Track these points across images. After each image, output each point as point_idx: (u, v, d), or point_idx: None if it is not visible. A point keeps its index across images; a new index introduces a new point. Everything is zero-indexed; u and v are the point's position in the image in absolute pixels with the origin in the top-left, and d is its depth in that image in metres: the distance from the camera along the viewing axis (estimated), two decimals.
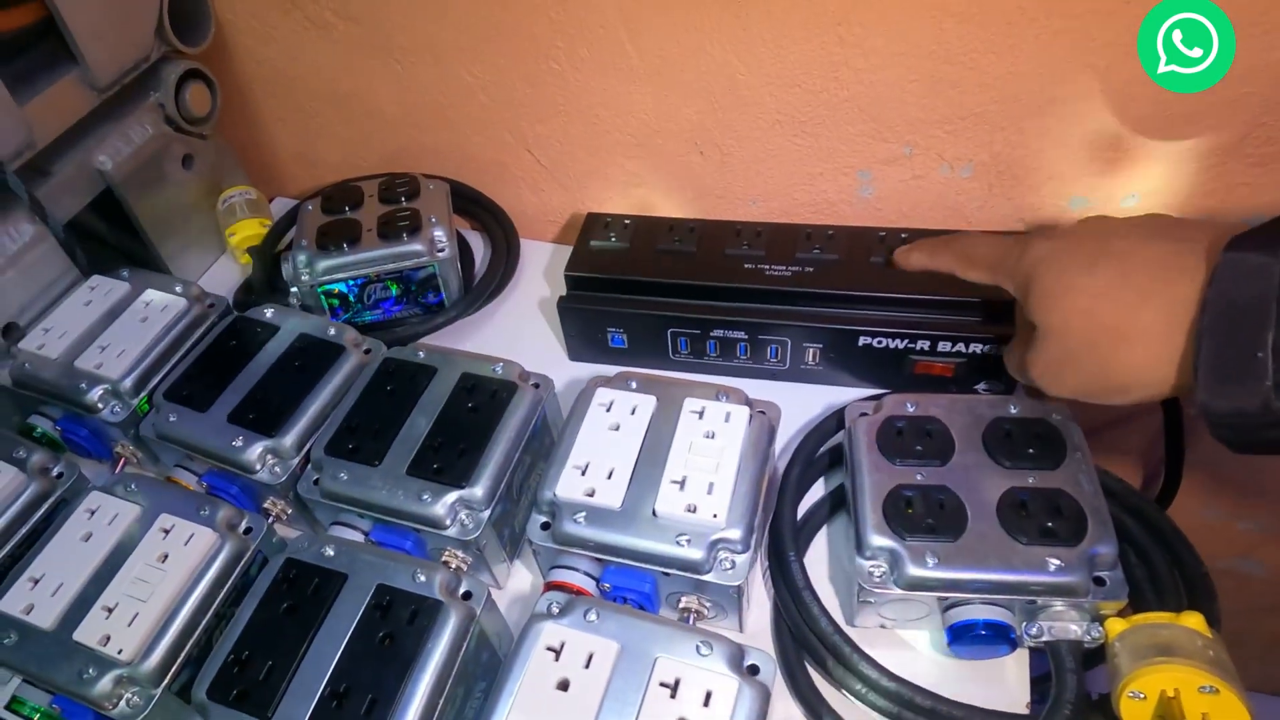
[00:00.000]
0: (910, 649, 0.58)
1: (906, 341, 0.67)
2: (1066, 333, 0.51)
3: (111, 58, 0.75)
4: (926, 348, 0.67)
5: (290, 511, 0.65)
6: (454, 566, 0.59)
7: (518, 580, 0.65)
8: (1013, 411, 0.59)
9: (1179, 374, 0.46)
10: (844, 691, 0.55)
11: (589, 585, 0.57)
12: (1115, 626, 0.51)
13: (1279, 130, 0.62)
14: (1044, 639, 0.52)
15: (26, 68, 0.72)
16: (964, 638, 0.53)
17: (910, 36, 0.65)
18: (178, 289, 0.74)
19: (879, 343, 0.68)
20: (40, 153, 0.73)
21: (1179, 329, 0.46)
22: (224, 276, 0.92)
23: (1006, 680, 0.56)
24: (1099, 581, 0.51)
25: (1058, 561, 0.51)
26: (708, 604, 0.56)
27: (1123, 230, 0.51)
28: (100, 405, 0.68)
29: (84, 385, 0.68)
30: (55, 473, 0.63)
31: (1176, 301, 0.46)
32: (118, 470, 0.70)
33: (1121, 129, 0.65)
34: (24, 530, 0.61)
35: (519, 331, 0.83)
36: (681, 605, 0.57)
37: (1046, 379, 0.54)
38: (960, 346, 0.66)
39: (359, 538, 0.61)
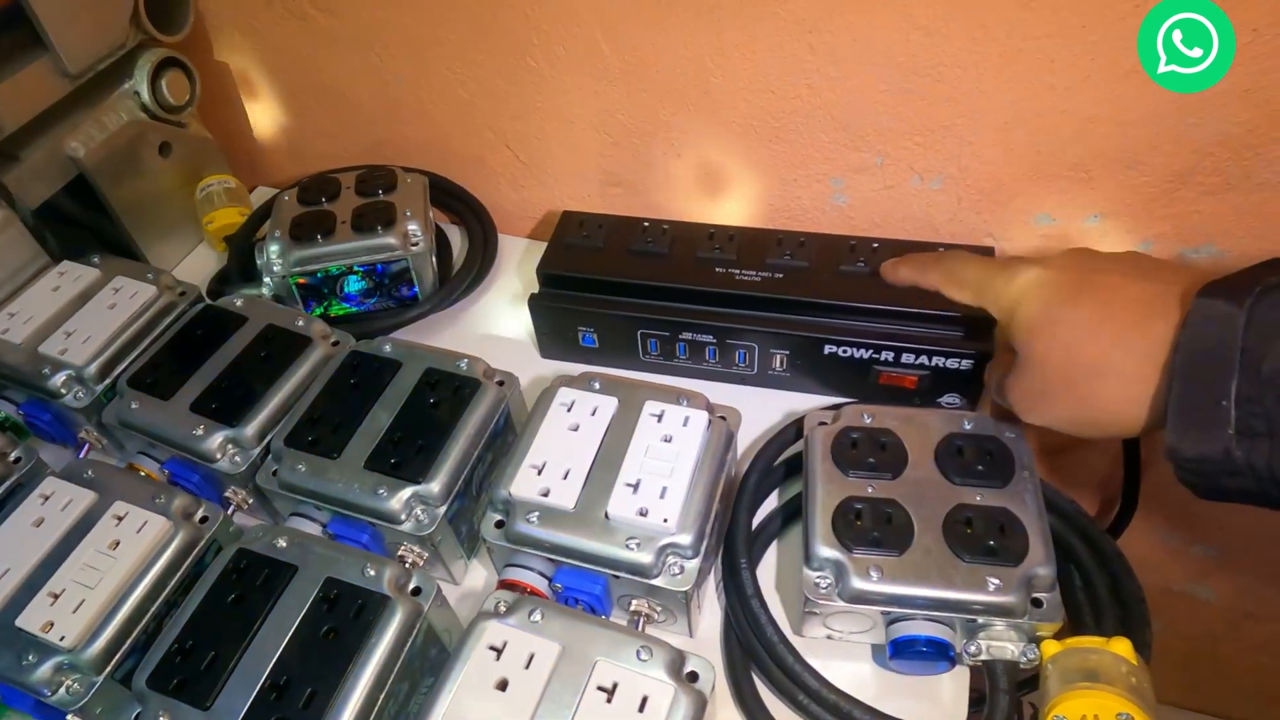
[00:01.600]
0: (854, 661, 0.58)
1: (871, 352, 0.67)
2: (1046, 364, 0.51)
3: (83, 45, 0.75)
4: (891, 359, 0.67)
5: (251, 501, 0.66)
6: (409, 562, 0.59)
7: (474, 577, 0.65)
8: (966, 428, 0.59)
9: (1150, 414, 0.47)
10: (786, 701, 0.55)
11: (541, 585, 0.57)
12: (1050, 648, 0.51)
13: (1225, 161, 0.63)
14: (981, 658, 0.53)
15: None
16: (905, 652, 0.53)
17: (879, 47, 0.65)
18: (149, 276, 0.75)
19: (844, 352, 0.68)
20: (8, 138, 0.73)
21: (1154, 370, 0.46)
22: (201, 265, 0.92)
23: (944, 697, 0.56)
24: (1036, 603, 0.52)
25: (997, 581, 0.51)
26: (658, 608, 0.57)
27: (1107, 266, 0.52)
28: (63, 391, 0.68)
29: (47, 371, 0.68)
30: (13, 457, 0.64)
31: (1152, 343, 0.46)
32: (81, 456, 0.70)
33: (1082, 151, 0.66)
34: None
35: (494, 327, 0.84)
36: (632, 608, 0.57)
37: (1022, 406, 0.55)
38: (924, 359, 0.66)
39: (317, 529, 0.61)
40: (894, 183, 0.74)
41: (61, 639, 0.52)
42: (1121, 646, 0.49)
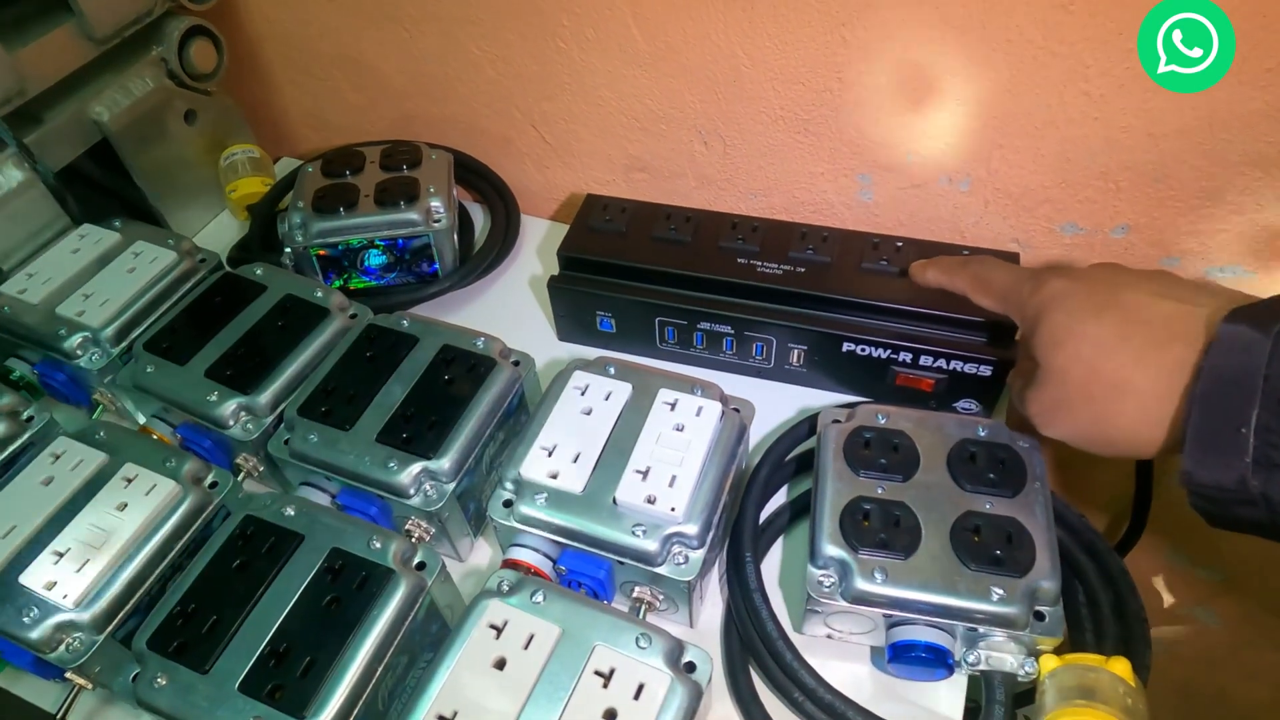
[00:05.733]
0: (852, 662, 0.58)
1: (889, 351, 0.66)
2: (1066, 378, 0.51)
3: (110, 10, 0.75)
4: (909, 360, 0.66)
5: (261, 469, 0.66)
6: (415, 536, 0.59)
7: (479, 555, 0.66)
8: (980, 434, 0.58)
9: (1167, 437, 0.46)
10: (781, 698, 0.55)
11: (545, 566, 0.57)
12: (1048, 663, 0.50)
13: (1256, 180, 0.62)
14: (980, 667, 0.52)
15: (19, 15, 0.72)
16: (904, 657, 0.53)
17: (913, 43, 0.64)
18: (169, 242, 0.75)
19: (862, 350, 0.67)
20: (33, 100, 0.73)
21: (1173, 393, 0.45)
22: (222, 233, 0.93)
23: (939, 705, 0.56)
24: (1039, 616, 0.51)
25: (1000, 591, 0.50)
26: (660, 596, 0.56)
27: (1133, 283, 0.51)
28: (79, 352, 0.68)
29: (63, 331, 0.68)
30: (25, 416, 0.64)
31: (1173, 365, 0.45)
32: (94, 418, 0.70)
33: (1111, 161, 0.65)
34: None
35: (513, 308, 0.83)
36: (635, 595, 0.57)
37: (1041, 419, 0.54)
38: (941, 362, 0.65)
39: (326, 500, 0.62)
40: (922, 182, 0.73)
41: (64, 597, 0.52)
42: (1120, 667, 0.49)
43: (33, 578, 0.53)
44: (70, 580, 0.53)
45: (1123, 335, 0.48)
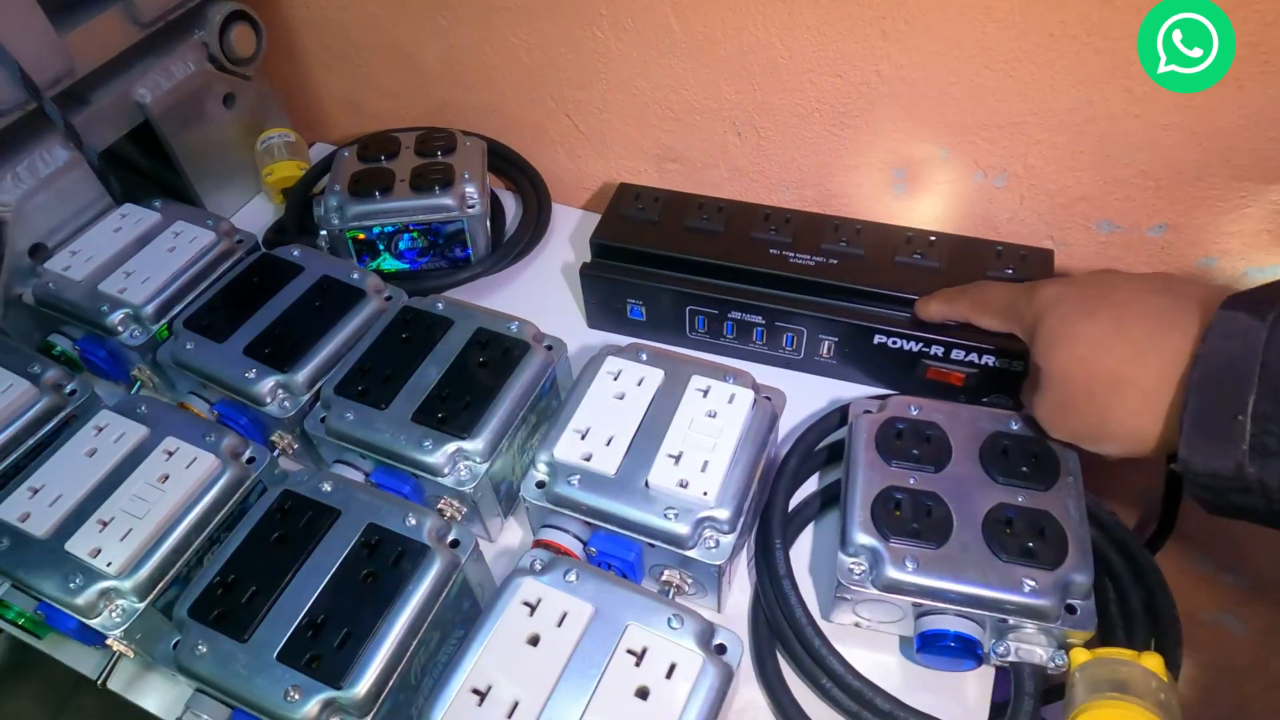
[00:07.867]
0: (880, 651, 0.58)
1: (920, 345, 0.66)
2: (1066, 379, 0.51)
3: None
4: (940, 353, 0.66)
5: (296, 446, 0.67)
6: (448, 515, 0.60)
7: (509, 535, 0.66)
8: (1013, 428, 0.59)
9: (1167, 429, 0.47)
10: (809, 684, 0.55)
11: (576, 547, 0.58)
12: (1079, 656, 0.51)
13: None
14: (1010, 659, 0.52)
15: None
16: (932, 646, 0.53)
17: (952, 38, 0.64)
18: (208, 223, 0.76)
19: (894, 343, 0.67)
20: (79, 81, 0.74)
21: (1170, 384, 0.46)
22: (257, 215, 0.94)
23: (967, 696, 0.56)
24: (1070, 609, 0.51)
25: (1033, 583, 0.51)
26: (689, 580, 0.57)
27: (1126, 283, 0.52)
28: (120, 329, 0.69)
29: (105, 308, 0.69)
30: (68, 389, 0.65)
31: (1169, 355, 0.46)
32: (133, 393, 0.71)
33: (1151, 158, 0.65)
34: (31, 442, 0.62)
35: (543, 294, 0.84)
36: (664, 578, 0.57)
37: (1047, 422, 0.55)
38: (973, 356, 0.65)
39: (359, 478, 0.62)
40: (957, 177, 0.73)
41: (108, 565, 0.53)
42: (1153, 661, 0.49)
43: (78, 545, 0.54)
44: (114, 548, 0.54)
45: (1119, 330, 0.49)
